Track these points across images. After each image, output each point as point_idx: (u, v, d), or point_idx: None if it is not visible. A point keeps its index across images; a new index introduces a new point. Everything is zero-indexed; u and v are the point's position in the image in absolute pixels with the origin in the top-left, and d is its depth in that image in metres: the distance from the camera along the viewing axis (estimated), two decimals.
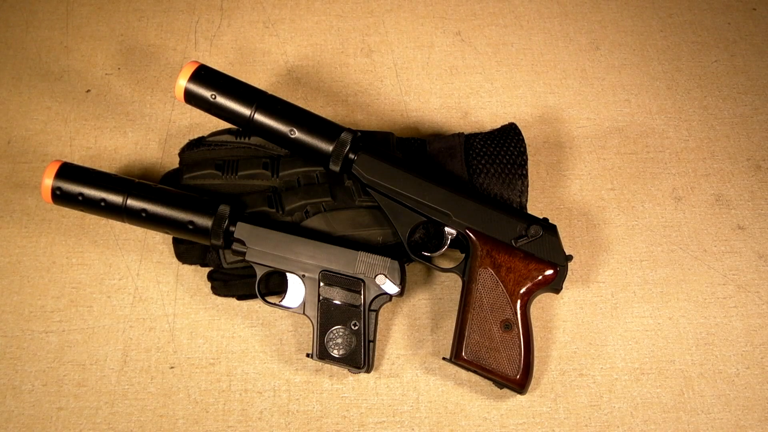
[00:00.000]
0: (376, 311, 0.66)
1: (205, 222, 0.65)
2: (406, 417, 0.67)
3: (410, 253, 0.67)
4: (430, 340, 0.70)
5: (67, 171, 0.66)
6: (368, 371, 0.67)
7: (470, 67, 0.86)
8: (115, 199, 0.65)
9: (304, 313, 0.66)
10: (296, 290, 0.67)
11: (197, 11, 0.90)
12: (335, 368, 0.68)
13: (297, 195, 0.69)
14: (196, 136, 0.75)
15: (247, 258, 0.66)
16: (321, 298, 0.66)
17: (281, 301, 0.67)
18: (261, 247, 0.66)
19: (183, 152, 0.72)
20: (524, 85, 0.85)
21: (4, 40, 0.87)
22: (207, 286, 0.71)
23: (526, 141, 0.76)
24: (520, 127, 0.75)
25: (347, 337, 0.65)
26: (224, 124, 0.76)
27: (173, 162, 0.79)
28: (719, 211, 0.77)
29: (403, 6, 0.91)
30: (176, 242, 0.70)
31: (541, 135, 0.81)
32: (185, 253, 0.70)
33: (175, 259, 0.72)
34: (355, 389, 0.68)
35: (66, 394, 0.67)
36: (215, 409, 0.67)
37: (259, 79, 0.85)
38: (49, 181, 0.65)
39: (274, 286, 0.69)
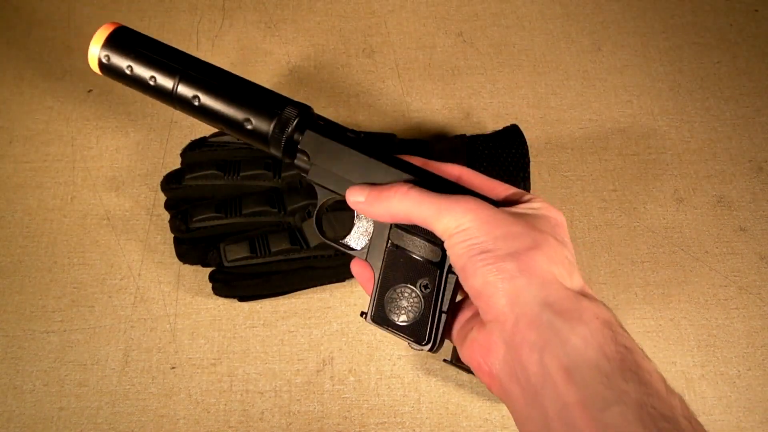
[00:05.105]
0: (457, 276, 0.49)
1: (265, 125, 0.53)
2: (407, 418, 0.67)
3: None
4: None
5: (122, 36, 0.56)
6: (433, 350, 0.50)
7: (472, 67, 0.86)
8: (166, 80, 0.55)
9: (366, 260, 0.52)
10: (363, 228, 0.54)
11: (199, 11, 0.90)
12: (336, 369, 0.68)
13: (299, 195, 0.69)
14: (198, 137, 0.75)
15: (310, 177, 0.53)
16: (390, 243, 0.51)
17: (345, 239, 0.55)
18: (328, 167, 0.52)
19: (185, 153, 0.72)
20: (526, 86, 0.85)
21: (6, 39, 0.87)
22: (208, 287, 0.71)
23: (528, 142, 0.76)
24: (522, 128, 0.75)
25: (414, 299, 0.50)
26: None
27: (175, 162, 0.78)
28: (721, 213, 0.77)
29: (405, 6, 0.91)
30: (177, 242, 0.70)
31: (543, 136, 0.81)
32: (186, 253, 0.70)
33: (176, 260, 0.72)
34: (357, 390, 0.68)
35: (67, 394, 0.67)
36: (216, 409, 0.67)
37: (261, 79, 0.84)
38: (96, 50, 0.56)
39: (279, 286, 0.69)
